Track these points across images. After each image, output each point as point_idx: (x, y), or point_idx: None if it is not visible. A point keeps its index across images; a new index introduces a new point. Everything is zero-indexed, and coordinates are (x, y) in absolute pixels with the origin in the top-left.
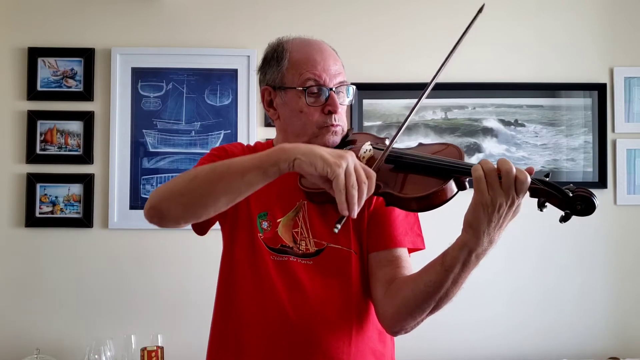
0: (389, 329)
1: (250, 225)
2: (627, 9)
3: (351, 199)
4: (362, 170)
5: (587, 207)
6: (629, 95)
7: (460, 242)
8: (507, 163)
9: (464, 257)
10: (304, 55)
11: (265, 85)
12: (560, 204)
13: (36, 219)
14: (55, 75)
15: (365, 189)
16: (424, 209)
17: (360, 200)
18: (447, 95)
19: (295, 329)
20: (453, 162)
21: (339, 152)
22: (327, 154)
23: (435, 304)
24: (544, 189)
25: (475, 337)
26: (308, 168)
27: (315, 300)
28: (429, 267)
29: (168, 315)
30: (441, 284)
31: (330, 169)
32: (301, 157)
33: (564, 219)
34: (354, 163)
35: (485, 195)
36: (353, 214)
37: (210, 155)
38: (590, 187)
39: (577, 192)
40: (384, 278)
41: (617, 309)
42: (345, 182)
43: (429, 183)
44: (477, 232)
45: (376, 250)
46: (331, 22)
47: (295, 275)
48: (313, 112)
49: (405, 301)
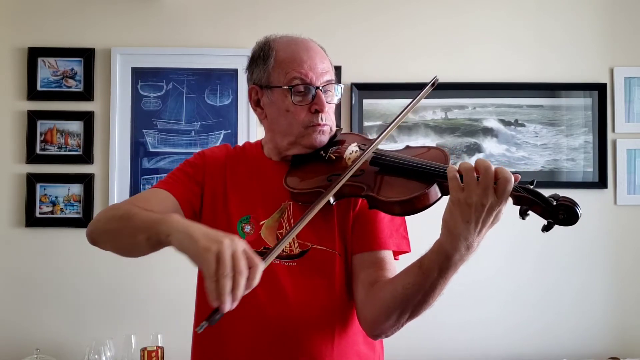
0: (369, 331)
1: (229, 231)
2: (627, 9)
3: (221, 288)
4: (242, 258)
5: (569, 216)
6: (629, 95)
7: (437, 245)
8: (485, 162)
9: (440, 261)
10: (290, 54)
11: (252, 84)
12: (543, 212)
13: (36, 219)
14: (55, 75)
15: (242, 281)
16: (407, 213)
17: (234, 293)
18: (447, 95)
19: (276, 331)
20: (436, 166)
21: (217, 236)
22: (201, 235)
23: (413, 308)
24: (526, 196)
25: (475, 337)
26: (179, 247)
27: (297, 302)
28: (408, 269)
29: (168, 315)
30: (419, 287)
31: (197, 252)
32: (175, 234)
33: (546, 228)
34: (233, 249)
35: (459, 193)
36: (222, 308)
37: (186, 164)
38: (590, 187)
39: (561, 201)
40: (367, 280)
41: (617, 309)
42: (216, 269)
43: (412, 187)
44: (453, 234)
45: (360, 252)
46: (331, 22)
47: (276, 277)
48: (300, 111)
49: (384, 304)
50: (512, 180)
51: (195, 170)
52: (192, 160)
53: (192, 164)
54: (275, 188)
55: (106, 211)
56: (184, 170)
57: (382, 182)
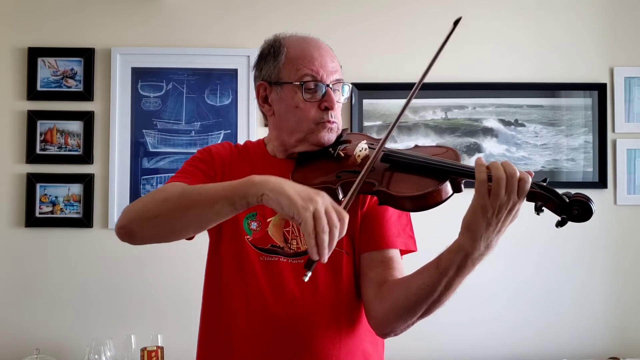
0: (378, 330)
1: (235, 229)
2: (627, 9)
3: (321, 243)
4: (333, 212)
5: (584, 212)
6: (629, 95)
7: (456, 245)
8: (512, 166)
9: (459, 260)
10: (301, 51)
11: (261, 81)
12: (557, 208)
13: (36, 219)
14: (55, 75)
15: (337, 233)
16: (417, 209)
17: (331, 245)
18: (447, 95)
19: (283, 330)
20: (450, 163)
21: (309, 193)
22: (295, 194)
23: (427, 307)
24: (541, 192)
25: (475, 337)
26: (275, 206)
27: (304, 301)
28: (423, 269)
29: (168, 315)
30: (434, 287)
31: (297, 212)
32: (269, 194)
33: (560, 223)
34: (325, 205)
35: (487, 199)
36: (323, 259)
37: (194, 159)
38: (590, 187)
39: (575, 197)
40: (375, 279)
41: (617, 309)
42: (315, 225)
43: (425, 183)
44: (474, 235)
45: (368, 251)
46: (331, 22)
47: (282, 275)
48: (309, 107)
49: (396, 303)
50: (530, 180)
51: (206, 165)
52: (200, 156)
53: (201, 160)
54: None
55: (144, 200)
56: (196, 166)
57: (393, 179)
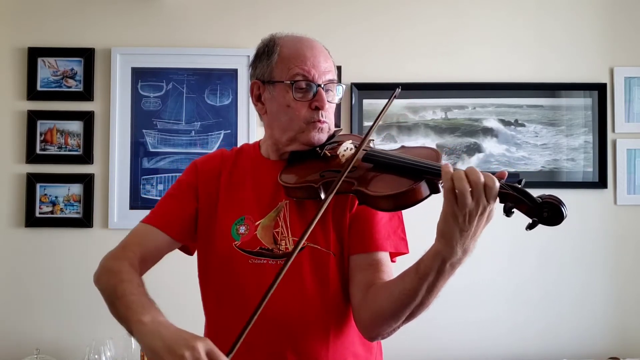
0: (365, 334)
1: (223, 236)
2: (627, 9)
3: None
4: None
5: (554, 215)
6: (629, 95)
7: (433, 251)
8: (475, 173)
9: (437, 266)
10: (294, 51)
11: (255, 79)
12: (528, 210)
13: (36, 219)
14: (55, 75)
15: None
16: (393, 208)
17: None
18: (447, 95)
19: (270, 330)
20: (424, 163)
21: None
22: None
23: (410, 311)
24: (512, 194)
25: (475, 337)
26: (145, 353)
27: (292, 302)
28: (404, 274)
29: (168, 315)
30: (416, 292)
31: None
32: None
33: (530, 226)
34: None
35: (455, 207)
36: None
37: (180, 183)
38: (590, 187)
39: (546, 199)
40: (363, 282)
41: (617, 309)
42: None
43: (400, 183)
44: (449, 242)
45: (356, 253)
46: (331, 22)
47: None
48: (300, 107)
49: (380, 308)
50: (497, 183)
51: (188, 188)
52: (184, 177)
53: (185, 182)
54: (271, 187)
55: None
56: (174, 195)
57: (372, 178)
